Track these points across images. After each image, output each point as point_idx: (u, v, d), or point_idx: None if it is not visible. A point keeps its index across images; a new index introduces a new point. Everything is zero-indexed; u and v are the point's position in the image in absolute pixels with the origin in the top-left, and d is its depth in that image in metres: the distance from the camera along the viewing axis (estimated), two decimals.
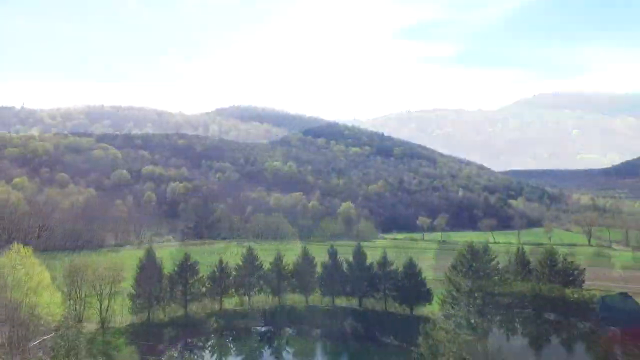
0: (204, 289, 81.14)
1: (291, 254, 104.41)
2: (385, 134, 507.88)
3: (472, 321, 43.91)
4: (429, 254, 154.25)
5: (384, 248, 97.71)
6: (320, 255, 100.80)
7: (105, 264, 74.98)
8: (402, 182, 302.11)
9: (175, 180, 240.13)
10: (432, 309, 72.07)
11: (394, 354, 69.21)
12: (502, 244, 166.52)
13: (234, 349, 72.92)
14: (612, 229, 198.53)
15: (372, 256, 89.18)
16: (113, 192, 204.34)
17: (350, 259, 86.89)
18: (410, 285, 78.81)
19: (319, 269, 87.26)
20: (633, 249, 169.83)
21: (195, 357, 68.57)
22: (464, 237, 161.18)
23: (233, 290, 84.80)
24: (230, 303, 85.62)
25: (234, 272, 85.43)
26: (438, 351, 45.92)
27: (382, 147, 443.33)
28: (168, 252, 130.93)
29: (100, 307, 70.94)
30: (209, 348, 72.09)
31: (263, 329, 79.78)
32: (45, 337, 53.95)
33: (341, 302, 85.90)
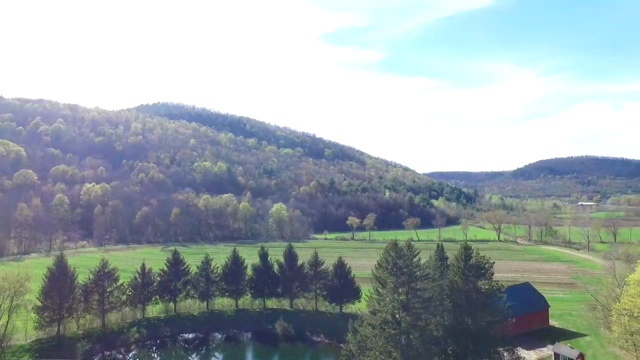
0: (124, 297, 75.69)
1: (221, 256, 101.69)
2: (317, 136, 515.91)
3: (397, 316, 46.00)
4: (359, 252, 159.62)
5: (315, 248, 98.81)
6: (251, 257, 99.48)
7: (5, 274, 66.47)
8: (333, 183, 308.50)
9: (91, 181, 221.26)
10: (360, 306, 74.42)
11: (324, 352, 70.44)
12: (424, 241, 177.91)
13: (158, 359, 68.92)
14: (517, 225, 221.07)
15: (304, 257, 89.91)
16: (16, 194, 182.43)
17: (282, 260, 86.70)
18: (340, 285, 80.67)
19: (249, 272, 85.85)
20: (534, 243, 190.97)
21: None
22: (390, 236, 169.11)
23: (157, 296, 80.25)
24: (154, 310, 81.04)
25: (158, 278, 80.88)
26: (366, 346, 47.57)
27: (313, 148, 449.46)
28: (83, 260, 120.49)
29: None
30: None
31: (190, 335, 76.56)
32: None
33: (272, 304, 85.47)
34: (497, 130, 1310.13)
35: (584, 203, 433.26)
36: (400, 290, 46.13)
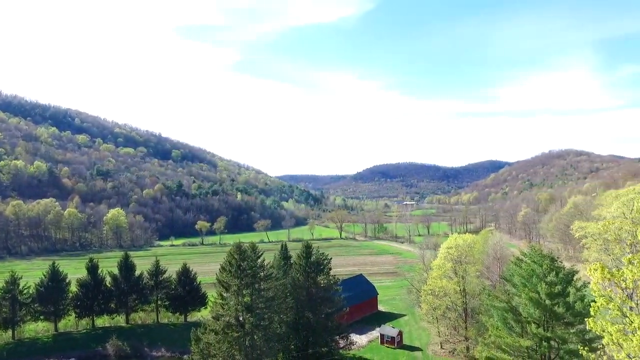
0: None
1: (38, 273, 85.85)
2: (164, 135, 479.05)
3: (241, 318, 45.94)
4: (208, 257, 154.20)
5: (157, 256, 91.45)
6: (79, 270, 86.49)
7: None
8: (181, 185, 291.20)
9: None
10: (206, 313, 71.83)
11: None
12: (274, 242, 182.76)
13: None
14: (356, 223, 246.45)
15: (145, 266, 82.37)
16: None
17: (116, 271, 77.45)
18: (185, 293, 76.45)
19: (74, 288, 74.07)
20: (369, 239, 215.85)
21: None
22: (241, 239, 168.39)
23: None
24: None
25: None
26: (209, 354, 46.04)
27: (159, 148, 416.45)
28: None
29: None
30: None
31: None
32: None
33: (104, 322, 75.55)
34: (342, 137, 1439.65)
35: (407, 202, 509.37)
36: (244, 292, 46.16)
